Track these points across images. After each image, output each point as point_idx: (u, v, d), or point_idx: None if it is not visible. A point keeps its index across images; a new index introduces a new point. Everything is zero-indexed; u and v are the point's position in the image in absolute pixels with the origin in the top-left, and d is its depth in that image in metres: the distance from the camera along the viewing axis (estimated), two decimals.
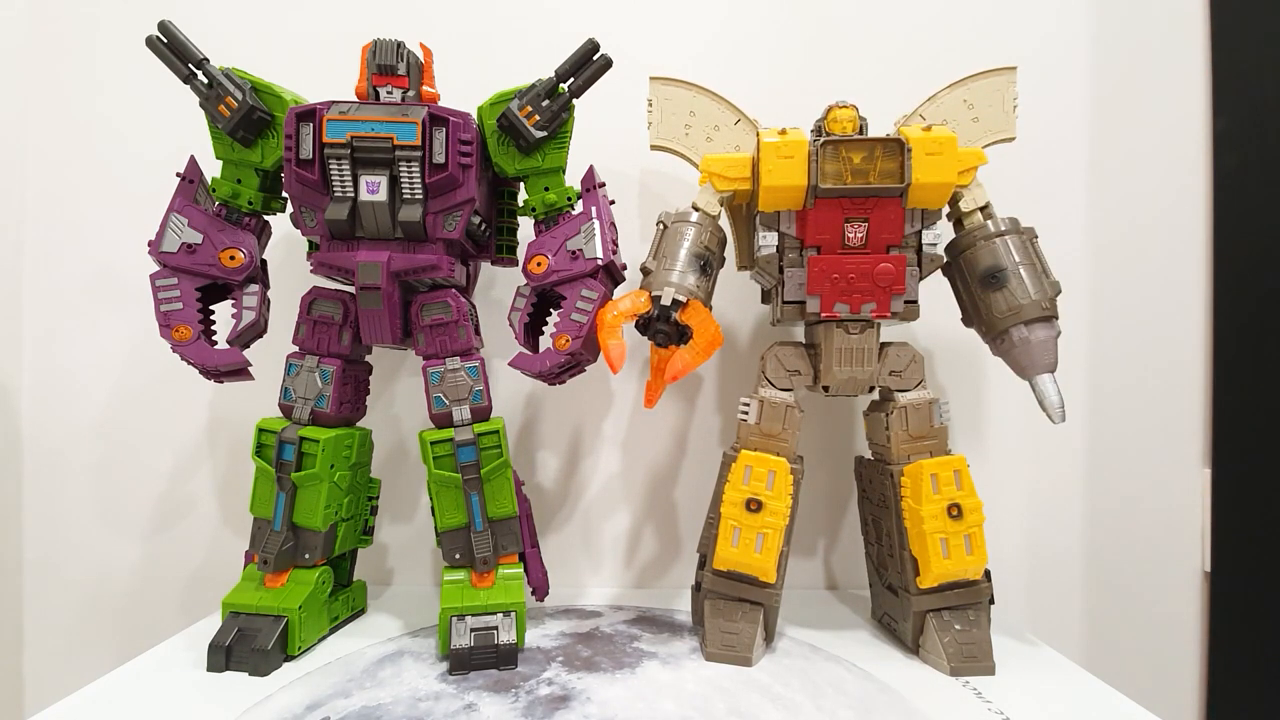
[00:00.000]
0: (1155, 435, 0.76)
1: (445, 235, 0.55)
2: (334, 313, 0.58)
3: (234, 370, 0.57)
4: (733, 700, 0.48)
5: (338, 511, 0.58)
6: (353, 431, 0.59)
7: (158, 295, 0.55)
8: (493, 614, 0.54)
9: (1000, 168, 0.60)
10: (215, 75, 0.54)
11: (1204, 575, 0.75)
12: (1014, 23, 0.76)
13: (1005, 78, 0.58)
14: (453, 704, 0.47)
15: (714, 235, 0.57)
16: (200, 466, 0.75)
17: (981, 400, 0.76)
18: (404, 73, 0.55)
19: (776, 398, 0.57)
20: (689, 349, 0.54)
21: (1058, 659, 0.57)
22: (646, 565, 0.75)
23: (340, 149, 0.52)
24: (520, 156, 0.57)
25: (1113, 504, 0.76)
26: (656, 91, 0.60)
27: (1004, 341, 0.56)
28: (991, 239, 0.56)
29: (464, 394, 0.56)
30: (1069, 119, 0.76)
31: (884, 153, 0.53)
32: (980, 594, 0.55)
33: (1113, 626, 0.76)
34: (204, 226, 0.56)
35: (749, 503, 0.54)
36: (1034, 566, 0.76)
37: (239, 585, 0.56)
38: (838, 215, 0.54)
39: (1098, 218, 0.76)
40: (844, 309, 0.55)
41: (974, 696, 0.50)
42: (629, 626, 0.61)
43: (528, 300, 0.57)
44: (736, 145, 0.59)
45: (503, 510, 0.56)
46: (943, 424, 0.57)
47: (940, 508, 0.54)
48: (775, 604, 0.56)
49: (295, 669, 0.52)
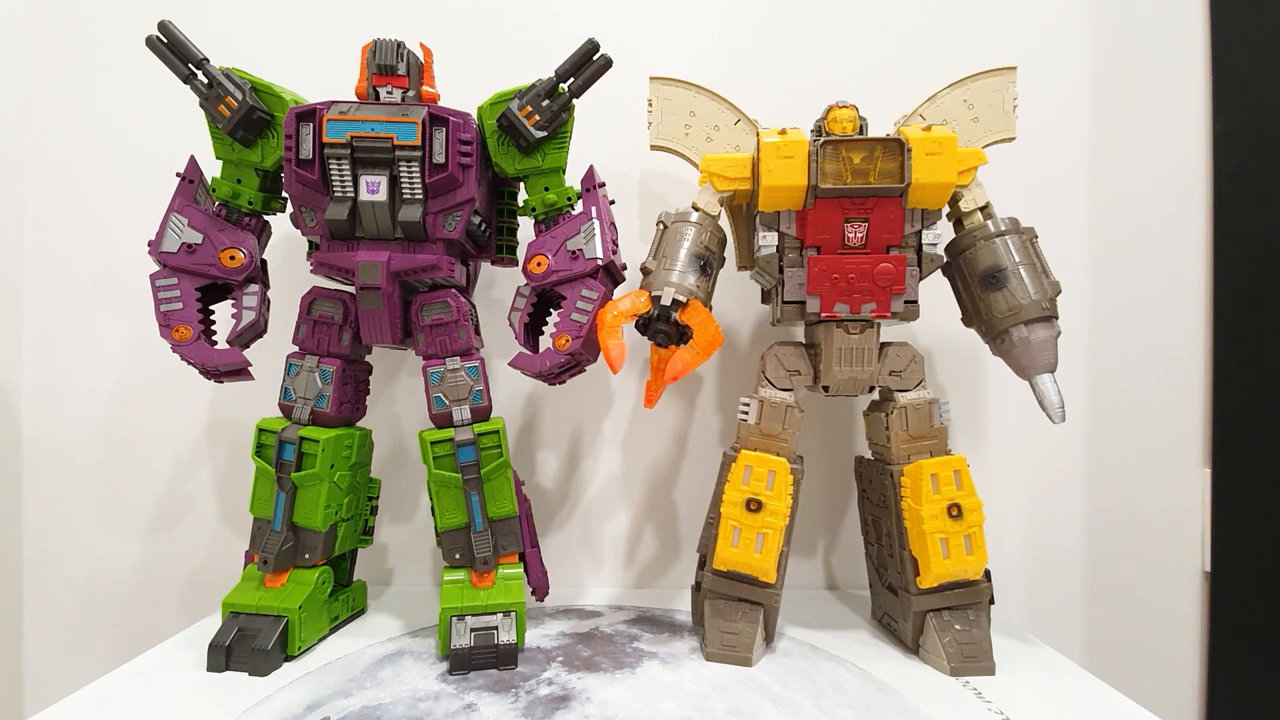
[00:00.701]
0: (1155, 435, 0.76)
1: (445, 235, 0.55)
2: (334, 313, 0.58)
3: (234, 370, 0.57)
4: (733, 700, 0.48)
5: (338, 511, 0.58)
6: (353, 431, 0.59)
7: (158, 295, 0.55)
8: (493, 614, 0.54)
9: (1000, 168, 0.60)
10: (215, 75, 0.54)
11: (1204, 575, 0.75)
12: (1014, 23, 0.76)
13: (1005, 78, 0.58)
14: (453, 704, 0.47)
15: (714, 235, 0.57)
16: (200, 466, 0.75)
17: (981, 400, 0.76)
18: (404, 73, 0.55)
19: (776, 398, 0.57)
20: (689, 349, 0.54)
21: (1058, 659, 0.57)
22: (646, 565, 0.75)
23: (340, 149, 0.52)
24: (520, 156, 0.57)
25: (1113, 504, 0.76)
26: (656, 91, 0.60)
27: (1004, 341, 0.56)
28: (991, 239, 0.56)
29: (464, 394, 0.57)
30: (1069, 119, 0.76)
31: (884, 153, 0.53)
32: (980, 594, 0.55)
33: (1113, 626, 0.76)
34: (204, 226, 0.56)
35: (749, 503, 0.54)
36: (1034, 566, 0.76)
37: (239, 585, 0.56)
38: (838, 215, 0.54)
39: (1098, 218, 0.76)
40: (844, 309, 0.55)
41: (974, 696, 0.50)
42: (629, 626, 0.61)
43: (528, 300, 0.57)
44: (736, 145, 0.59)
45: (503, 510, 0.56)
46: (943, 424, 0.57)
47: (940, 508, 0.54)
48: (775, 604, 0.56)
49: (295, 669, 0.52)
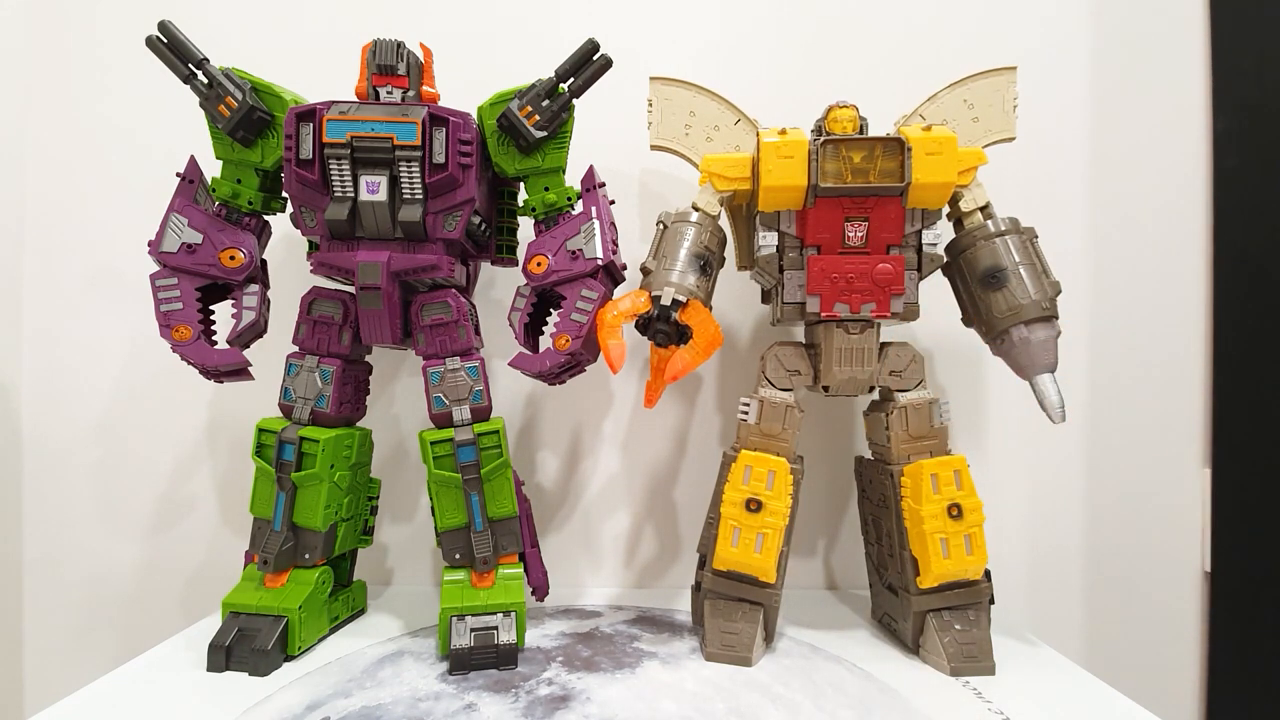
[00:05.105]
0: (1155, 435, 0.76)
1: (445, 235, 0.55)
2: (334, 313, 0.58)
3: (234, 370, 0.57)
4: (733, 700, 0.48)
5: (338, 511, 0.58)
6: (353, 431, 0.59)
7: (158, 295, 0.55)
8: (493, 614, 0.54)
9: (1000, 168, 0.60)
10: (215, 75, 0.54)
11: (1204, 575, 0.75)
12: (1014, 23, 0.76)
13: (1005, 78, 0.58)
14: (453, 704, 0.47)
15: (714, 235, 0.57)
16: (200, 466, 0.75)
17: (981, 400, 0.76)
18: (404, 73, 0.55)
19: (776, 398, 0.57)
20: (689, 349, 0.54)
21: (1058, 659, 0.57)
22: (646, 565, 0.75)
23: (340, 149, 0.52)
24: (520, 156, 0.57)
25: (1113, 504, 0.76)
26: (656, 91, 0.60)
27: (1004, 341, 0.56)
28: (991, 239, 0.56)
29: (464, 394, 0.57)
30: (1069, 119, 0.76)
31: (884, 152, 0.53)
32: (980, 594, 0.55)
33: (1113, 626, 0.76)
34: (204, 226, 0.56)
35: (749, 503, 0.54)
36: (1034, 566, 0.76)
37: (239, 585, 0.56)
38: (838, 215, 0.54)
39: (1098, 217, 0.76)
40: (844, 309, 0.55)
41: (974, 696, 0.50)
42: (629, 626, 0.61)
43: (528, 300, 0.57)
44: (736, 145, 0.59)
45: (503, 510, 0.56)
46: (943, 424, 0.57)
47: (940, 508, 0.54)
48: (775, 604, 0.56)
49: (295, 669, 0.52)
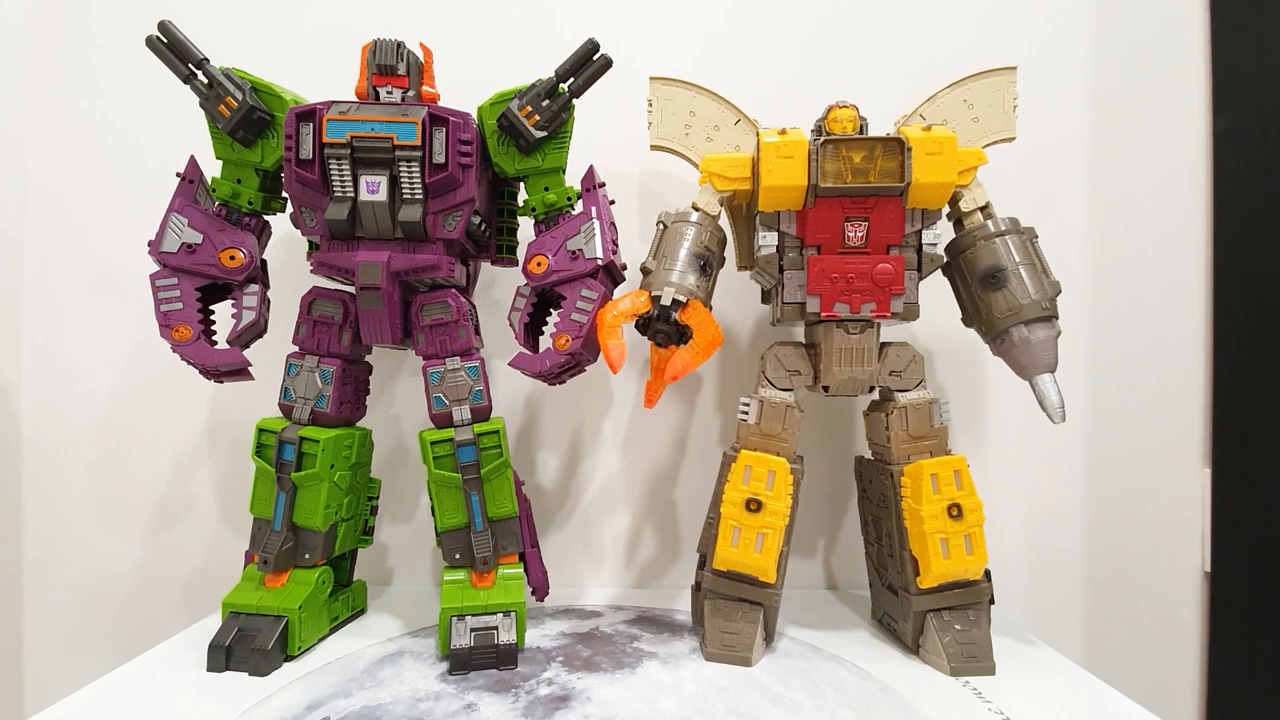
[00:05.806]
0: (1155, 435, 0.76)
1: (445, 235, 0.55)
2: (334, 313, 0.58)
3: (234, 370, 0.57)
4: (733, 700, 0.48)
5: (338, 511, 0.58)
6: (353, 431, 0.59)
7: (158, 295, 0.55)
8: (493, 614, 0.54)
9: (1000, 168, 0.60)
10: (215, 75, 0.54)
11: (1204, 575, 0.75)
12: (1014, 23, 0.76)
13: (1005, 78, 0.58)
14: (453, 704, 0.47)
15: (714, 235, 0.57)
16: (200, 466, 0.75)
17: (981, 400, 0.76)
18: (404, 73, 0.55)
19: (776, 398, 0.57)
20: (689, 349, 0.54)
21: (1058, 659, 0.57)
22: (646, 565, 0.75)
23: (340, 149, 0.52)
24: (520, 156, 0.57)
25: (1113, 504, 0.76)
26: (656, 91, 0.60)
27: (1004, 341, 0.56)
28: (991, 239, 0.56)
29: (464, 394, 0.57)
30: (1069, 119, 0.76)
31: (884, 152, 0.53)
32: (980, 594, 0.55)
33: (1113, 626, 0.76)
34: (204, 226, 0.56)
35: (749, 503, 0.54)
36: (1034, 566, 0.76)
37: (239, 585, 0.56)
38: (838, 215, 0.54)
39: (1098, 218, 0.76)
40: (844, 309, 0.55)
41: (974, 696, 0.50)
42: (629, 626, 0.61)
43: (528, 300, 0.57)
44: (736, 145, 0.59)
45: (503, 510, 0.56)
46: (943, 424, 0.57)
47: (940, 508, 0.54)
48: (775, 604, 0.56)
49: (295, 669, 0.52)
